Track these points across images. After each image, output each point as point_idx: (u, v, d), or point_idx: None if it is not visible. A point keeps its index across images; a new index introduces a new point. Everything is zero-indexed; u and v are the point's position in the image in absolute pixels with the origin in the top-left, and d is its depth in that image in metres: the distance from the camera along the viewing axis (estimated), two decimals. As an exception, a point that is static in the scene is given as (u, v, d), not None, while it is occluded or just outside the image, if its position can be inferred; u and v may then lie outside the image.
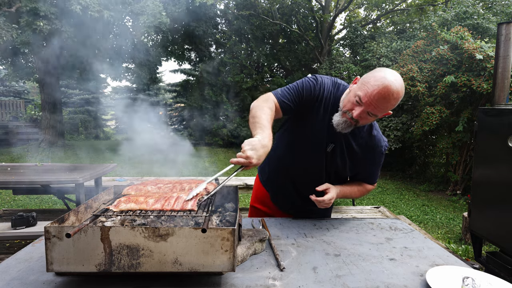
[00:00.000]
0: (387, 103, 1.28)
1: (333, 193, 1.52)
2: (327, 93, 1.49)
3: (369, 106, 1.29)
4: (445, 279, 1.09)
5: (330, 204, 1.52)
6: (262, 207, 1.86)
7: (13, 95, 17.90)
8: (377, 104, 1.28)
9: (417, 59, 7.27)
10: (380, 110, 1.31)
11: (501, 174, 2.58)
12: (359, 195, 1.70)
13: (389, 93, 1.25)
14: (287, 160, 1.66)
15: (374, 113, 1.32)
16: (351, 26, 13.68)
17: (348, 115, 1.36)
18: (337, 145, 1.51)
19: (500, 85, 3.17)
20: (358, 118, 1.34)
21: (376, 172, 1.66)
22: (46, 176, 3.21)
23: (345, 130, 1.41)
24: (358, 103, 1.31)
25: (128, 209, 1.15)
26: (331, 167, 1.58)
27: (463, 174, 6.78)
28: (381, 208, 4.97)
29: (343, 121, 1.39)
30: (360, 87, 1.32)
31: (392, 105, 1.30)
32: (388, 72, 1.29)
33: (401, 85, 1.29)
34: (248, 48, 15.56)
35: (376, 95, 1.26)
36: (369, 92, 1.27)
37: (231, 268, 1.00)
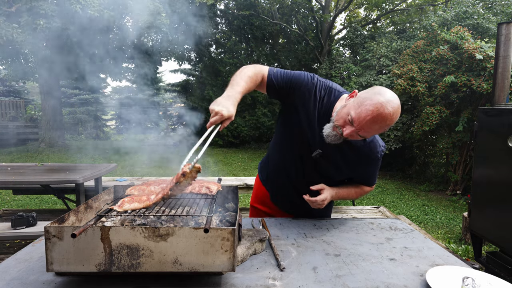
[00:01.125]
0: (380, 128, 1.25)
1: (326, 194, 1.51)
2: (317, 96, 1.46)
3: (360, 129, 1.26)
4: (445, 279, 1.09)
5: (323, 205, 1.51)
6: (262, 207, 1.85)
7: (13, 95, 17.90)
8: (368, 129, 1.25)
9: (417, 59, 7.27)
10: (371, 133, 1.29)
11: (501, 174, 2.58)
12: (357, 197, 1.69)
13: (382, 119, 1.22)
14: (282, 158, 1.66)
15: (364, 136, 1.30)
16: (351, 26, 13.68)
17: (338, 131, 1.34)
18: (328, 151, 1.48)
19: (500, 85, 3.18)
20: (348, 137, 1.32)
21: (373, 175, 1.64)
22: (46, 176, 3.22)
23: (334, 142, 1.39)
24: (350, 123, 1.28)
25: (132, 209, 1.15)
26: (322, 171, 1.57)
27: (463, 174, 6.78)
28: (381, 208, 4.97)
29: (333, 135, 1.37)
30: (355, 106, 1.27)
31: (385, 130, 1.27)
32: (386, 96, 1.23)
33: (397, 111, 1.24)
34: (248, 48, 15.56)
35: (369, 120, 1.23)
36: (362, 116, 1.23)
37: (231, 268, 1.00)
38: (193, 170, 1.07)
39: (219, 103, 1.22)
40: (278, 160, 1.70)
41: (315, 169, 1.56)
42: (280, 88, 1.48)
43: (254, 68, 1.48)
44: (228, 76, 14.15)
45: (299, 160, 1.58)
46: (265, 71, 1.49)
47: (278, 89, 1.49)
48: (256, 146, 13.73)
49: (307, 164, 1.56)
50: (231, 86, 1.35)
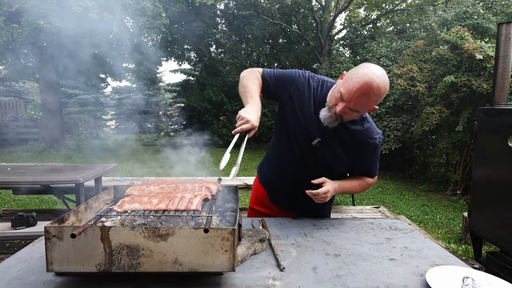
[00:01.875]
0: (368, 99, 1.29)
1: (328, 187, 1.50)
2: (311, 88, 1.53)
3: (350, 102, 1.31)
4: (445, 279, 1.09)
5: (326, 198, 1.50)
6: (262, 208, 1.85)
7: (13, 95, 17.90)
8: (357, 100, 1.29)
9: (417, 59, 7.27)
10: (361, 106, 1.32)
11: (501, 174, 2.58)
12: (360, 189, 1.67)
13: (369, 89, 1.26)
14: (282, 156, 1.67)
15: (356, 109, 1.33)
16: (351, 26, 13.68)
17: (332, 110, 1.39)
18: (327, 139, 1.50)
19: (500, 85, 3.18)
20: (342, 114, 1.36)
21: (374, 165, 1.63)
22: (46, 176, 3.21)
23: (332, 124, 1.43)
24: (341, 99, 1.33)
25: (132, 210, 1.15)
26: (322, 161, 1.57)
27: (463, 174, 6.78)
28: (381, 208, 4.97)
29: (328, 116, 1.41)
30: (343, 83, 1.34)
31: (374, 101, 1.31)
32: (371, 68, 1.28)
33: (383, 81, 1.27)
34: (248, 48, 15.56)
35: (356, 91, 1.27)
36: (349, 88, 1.29)
37: (231, 268, 1.00)
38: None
39: (249, 111, 1.33)
40: (278, 157, 1.70)
41: (315, 159, 1.56)
42: (274, 86, 1.56)
43: (253, 72, 1.58)
44: (228, 76, 14.15)
45: (299, 153, 1.58)
46: (260, 73, 1.58)
47: (273, 87, 1.56)
48: (256, 146, 13.72)
49: (307, 155, 1.57)
50: (250, 97, 1.43)
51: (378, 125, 8.56)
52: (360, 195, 6.68)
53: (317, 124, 1.49)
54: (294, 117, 1.54)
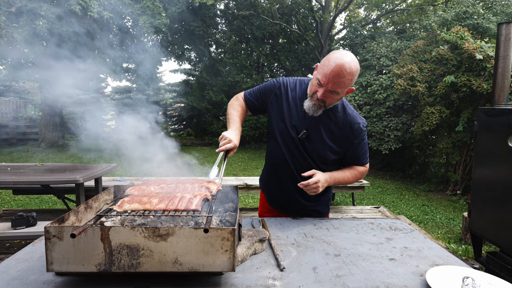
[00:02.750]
0: (343, 78, 1.41)
1: (318, 176, 1.54)
2: (289, 89, 1.68)
3: (328, 84, 1.43)
4: (445, 279, 1.09)
5: (317, 188, 1.53)
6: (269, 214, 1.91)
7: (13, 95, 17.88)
8: (334, 81, 1.42)
9: (417, 59, 7.27)
10: (338, 86, 1.43)
11: (501, 174, 2.58)
12: (353, 179, 1.71)
13: (342, 69, 1.39)
14: (274, 157, 1.75)
15: (335, 90, 1.45)
16: (351, 26, 13.67)
17: (314, 97, 1.51)
18: (312, 131, 1.61)
19: (500, 85, 3.18)
20: (324, 98, 1.48)
21: (362, 152, 1.69)
22: (46, 176, 3.21)
23: (317, 112, 1.55)
24: (319, 85, 1.47)
25: (132, 210, 1.15)
26: (312, 154, 1.64)
27: (463, 174, 6.78)
28: (381, 208, 4.97)
29: (312, 104, 1.53)
30: (319, 71, 1.48)
31: (349, 80, 1.43)
32: (341, 52, 1.43)
33: (353, 61, 1.42)
34: (248, 48, 15.56)
35: (331, 73, 1.41)
36: (325, 72, 1.42)
37: (231, 268, 1.00)
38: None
39: (232, 134, 1.54)
40: (271, 159, 1.79)
41: (305, 153, 1.64)
42: (257, 101, 1.76)
43: (236, 99, 1.80)
44: (228, 76, 14.15)
45: (289, 150, 1.67)
46: (242, 98, 1.80)
47: (256, 103, 1.76)
48: (256, 146, 13.72)
49: (297, 152, 1.65)
50: (232, 123, 1.65)
51: (378, 125, 8.55)
52: (360, 195, 6.68)
53: (302, 119, 1.62)
54: (279, 118, 1.68)
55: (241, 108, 1.75)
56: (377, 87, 8.88)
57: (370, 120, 8.78)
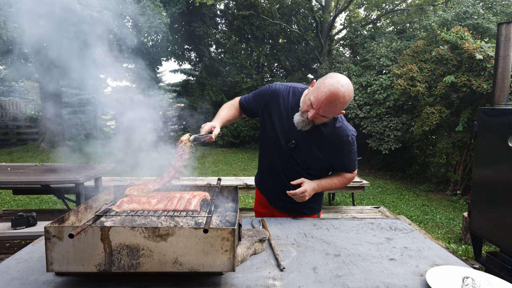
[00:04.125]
0: (335, 107, 1.43)
1: (305, 186, 1.60)
2: (281, 97, 1.70)
3: (319, 110, 1.45)
4: (445, 279, 1.09)
5: (304, 197, 1.61)
6: (263, 209, 1.96)
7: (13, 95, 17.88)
8: (325, 108, 1.43)
9: (417, 59, 7.27)
10: (329, 113, 1.46)
11: (501, 174, 2.58)
12: (340, 185, 1.76)
13: (335, 98, 1.40)
14: (266, 162, 1.83)
15: (325, 115, 1.47)
16: (351, 26, 13.67)
17: (305, 115, 1.52)
18: (301, 141, 1.64)
19: (500, 85, 3.17)
20: (313, 119, 1.50)
21: (351, 161, 1.72)
22: (46, 176, 3.21)
23: (305, 128, 1.57)
24: (311, 107, 1.47)
25: (130, 210, 1.15)
26: (301, 162, 1.69)
27: (463, 174, 6.78)
28: (381, 208, 4.97)
29: (301, 121, 1.55)
30: (313, 91, 1.47)
31: (340, 108, 1.45)
32: (338, 78, 1.43)
33: (348, 90, 1.42)
34: (248, 48, 15.55)
35: (324, 100, 1.41)
36: (318, 98, 1.42)
37: (231, 268, 1.00)
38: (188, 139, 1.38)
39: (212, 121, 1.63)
40: (263, 163, 1.87)
41: (294, 161, 1.69)
42: (249, 106, 1.81)
43: (233, 100, 1.88)
44: (228, 76, 14.16)
45: (279, 157, 1.72)
46: (237, 101, 1.87)
47: (248, 107, 1.81)
48: (256, 146, 13.72)
49: (286, 159, 1.70)
50: (216, 118, 1.72)
51: (378, 125, 8.55)
52: (360, 195, 6.68)
53: (291, 129, 1.63)
54: (270, 125, 1.72)
55: (233, 108, 1.82)
56: (377, 87, 8.88)
57: (370, 120, 8.78)
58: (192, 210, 1.14)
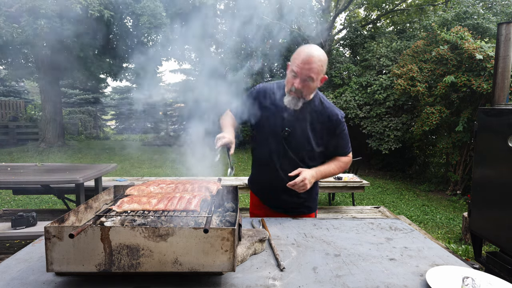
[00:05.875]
0: (314, 64, 1.55)
1: (304, 174, 1.60)
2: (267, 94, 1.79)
3: (301, 73, 1.56)
4: (445, 279, 1.09)
5: (305, 185, 1.59)
6: (258, 211, 1.96)
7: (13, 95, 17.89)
8: (306, 67, 1.55)
9: (417, 59, 7.27)
10: (312, 71, 1.56)
11: (501, 174, 2.58)
12: (338, 170, 1.78)
13: (311, 57, 1.54)
14: (261, 159, 1.84)
15: (309, 76, 1.56)
16: (351, 26, 13.67)
17: (292, 90, 1.61)
18: (294, 127, 1.70)
19: (500, 85, 3.17)
20: (301, 88, 1.59)
21: (344, 142, 1.77)
22: (46, 176, 3.21)
23: (297, 105, 1.65)
24: (295, 76, 1.59)
25: (131, 210, 1.15)
26: (296, 151, 1.71)
27: (463, 174, 6.78)
28: (381, 208, 4.97)
29: (291, 98, 1.64)
30: (291, 65, 1.62)
31: (320, 66, 1.56)
32: (309, 45, 1.60)
33: (320, 50, 1.59)
34: (248, 48, 15.55)
35: (301, 61, 1.55)
36: (297, 62, 1.57)
37: (231, 268, 1.00)
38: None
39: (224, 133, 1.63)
40: (258, 161, 1.88)
41: (289, 149, 1.71)
42: (240, 111, 1.85)
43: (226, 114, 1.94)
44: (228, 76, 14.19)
45: (274, 149, 1.74)
46: (229, 110, 1.93)
47: (240, 113, 1.86)
48: (255, 147, 13.72)
49: (282, 148, 1.72)
50: (224, 127, 1.77)
51: (378, 125, 8.56)
52: (360, 195, 6.68)
53: (282, 118, 1.71)
54: (263, 121, 1.77)
55: (230, 118, 1.90)
56: (377, 87, 8.88)
57: (370, 120, 8.78)
58: (192, 210, 1.14)
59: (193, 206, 1.16)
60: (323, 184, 4.68)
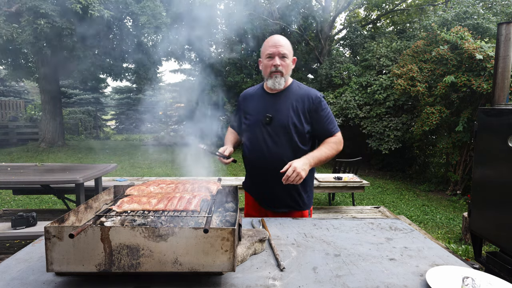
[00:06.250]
0: (282, 42, 1.77)
1: (294, 164, 1.59)
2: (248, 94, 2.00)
3: (275, 53, 1.75)
4: (445, 279, 1.09)
5: (299, 174, 1.57)
6: (254, 212, 1.97)
7: (13, 95, 17.89)
8: (278, 45, 1.76)
9: (417, 59, 7.27)
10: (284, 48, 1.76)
11: (501, 174, 2.58)
12: (330, 152, 1.78)
13: (278, 38, 1.79)
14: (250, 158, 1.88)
15: (283, 53, 1.76)
16: (351, 26, 13.68)
17: (272, 70, 1.77)
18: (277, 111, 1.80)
19: (500, 85, 3.17)
20: (280, 65, 1.76)
21: (329, 121, 1.82)
22: (46, 176, 3.21)
23: (280, 83, 1.80)
24: (271, 57, 1.77)
25: (131, 210, 1.15)
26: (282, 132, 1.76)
27: (463, 174, 6.78)
28: (381, 208, 4.97)
29: (273, 79, 1.79)
30: (262, 54, 1.82)
31: (288, 44, 1.79)
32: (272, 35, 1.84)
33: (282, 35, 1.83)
34: (248, 48, 15.55)
35: (273, 43, 1.77)
36: (268, 46, 1.78)
37: (231, 268, 1.00)
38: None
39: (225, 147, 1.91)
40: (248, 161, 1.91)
41: (275, 134, 1.78)
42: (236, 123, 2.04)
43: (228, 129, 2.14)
44: (228, 76, 14.18)
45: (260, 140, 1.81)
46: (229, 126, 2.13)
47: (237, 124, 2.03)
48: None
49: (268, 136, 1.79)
50: (225, 143, 2.00)
51: (378, 125, 8.57)
52: (360, 195, 6.68)
53: (263, 108, 1.84)
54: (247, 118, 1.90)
55: (230, 134, 2.07)
56: (377, 87, 8.88)
57: (370, 120, 8.78)
58: (192, 210, 1.14)
59: (193, 206, 1.16)
60: (323, 184, 4.68)
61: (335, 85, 11.04)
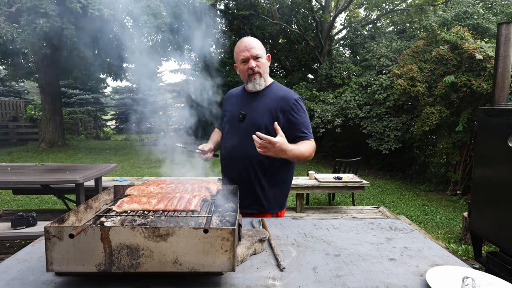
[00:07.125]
0: (253, 44, 1.79)
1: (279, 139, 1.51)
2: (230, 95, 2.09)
3: (248, 54, 1.77)
4: (445, 279, 1.09)
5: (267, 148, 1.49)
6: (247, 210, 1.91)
7: (13, 95, 17.89)
8: (249, 47, 1.78)
9: (417, 59, 7.27)
10: (256, 49, 1.79)
11: (501, 174, 2.58)
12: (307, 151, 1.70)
13: (248, 40, 1.81)
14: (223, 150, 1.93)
15: (256, 54, 1.78)
16: (351, 26, 13.68)
17: (250, 73, 1.80)
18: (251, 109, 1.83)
19: (500, 85, 3.17)
20: (255, 66, 1.78)
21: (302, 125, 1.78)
22: (46, 176, 3.21)
23: (260, 84, 1.83)
24: (246, 61, 1.80)
25: (131, 210, 1.15)
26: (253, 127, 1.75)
27: (463, 174, 6.78)
28: (381, 208, 4.97)
29: (253, 81, 1.82)
30: (236, 59, 1.85)
31: (259, 43, 1.81)
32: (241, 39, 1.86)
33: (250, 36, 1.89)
34: (248, 48, 15.55)
35: (244, 47, 1.79)
36: (239, 51, 1.81)
37: (231, 268, 1.00)
38: None
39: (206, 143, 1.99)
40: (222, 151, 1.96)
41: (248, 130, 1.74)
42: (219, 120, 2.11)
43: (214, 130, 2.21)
44: (228, 76, 14.18)
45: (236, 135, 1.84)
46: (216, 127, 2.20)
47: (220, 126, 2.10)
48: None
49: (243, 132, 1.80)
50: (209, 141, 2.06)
51: (378, 125, 8.56)
52: (360, 195, 6.68)
53: (239, 105, 1.89)
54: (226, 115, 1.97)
55: (215, 134, 2.15)
56: (377, 87, 8.88)
57: (370, 120, 8.78)
58: (192, 210, 1.14)
59: (193, 206, 1.16)
60: (323, 184, 4.68)
61: (335, 85, 11.04)
